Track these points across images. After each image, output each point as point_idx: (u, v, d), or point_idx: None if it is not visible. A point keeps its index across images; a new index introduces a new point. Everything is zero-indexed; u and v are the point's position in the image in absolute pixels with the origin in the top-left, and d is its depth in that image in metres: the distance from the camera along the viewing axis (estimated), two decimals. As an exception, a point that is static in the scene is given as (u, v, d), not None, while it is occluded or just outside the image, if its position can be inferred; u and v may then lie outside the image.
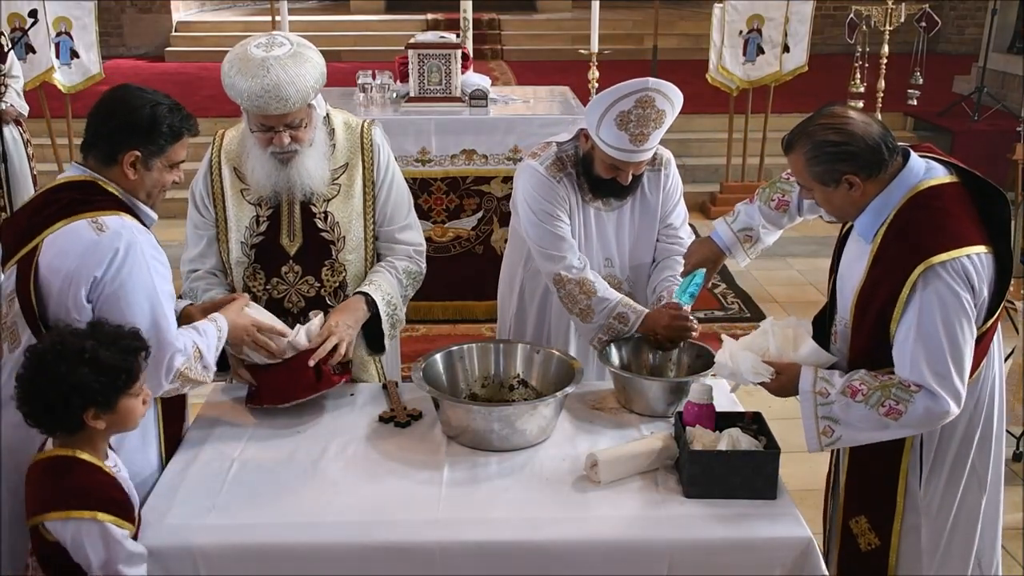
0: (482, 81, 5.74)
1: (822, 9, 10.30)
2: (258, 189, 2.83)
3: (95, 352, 2.05)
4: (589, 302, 3.03)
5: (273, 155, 2.75)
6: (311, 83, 2.66)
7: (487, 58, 11.96)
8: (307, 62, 2.66)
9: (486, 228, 5.51)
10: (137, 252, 2.31)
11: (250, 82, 2.60)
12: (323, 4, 14.53)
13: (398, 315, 2.96)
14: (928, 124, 8.95)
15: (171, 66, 11.79)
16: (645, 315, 2.99)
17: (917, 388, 2.25)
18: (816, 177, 2.35)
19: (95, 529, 2.04)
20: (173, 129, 2.40)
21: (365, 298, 2.85)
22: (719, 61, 7.47)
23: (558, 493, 2.38)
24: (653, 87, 2.83)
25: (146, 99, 2.40)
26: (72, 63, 7.03)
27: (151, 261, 2.34)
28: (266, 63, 2.60)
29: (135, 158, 2.38)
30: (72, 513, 2.03)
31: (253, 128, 2.75)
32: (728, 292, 6.33)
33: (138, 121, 2.37)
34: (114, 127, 2.38)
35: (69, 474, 2.08)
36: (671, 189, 3.21)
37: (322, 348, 2.71)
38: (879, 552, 2.52)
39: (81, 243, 2.28)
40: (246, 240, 2.89)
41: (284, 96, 2.61)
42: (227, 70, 2.66)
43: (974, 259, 2.25)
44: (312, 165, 2.79)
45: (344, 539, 2.22)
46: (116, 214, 2.34)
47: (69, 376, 2.02)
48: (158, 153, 2.41)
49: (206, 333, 2.51)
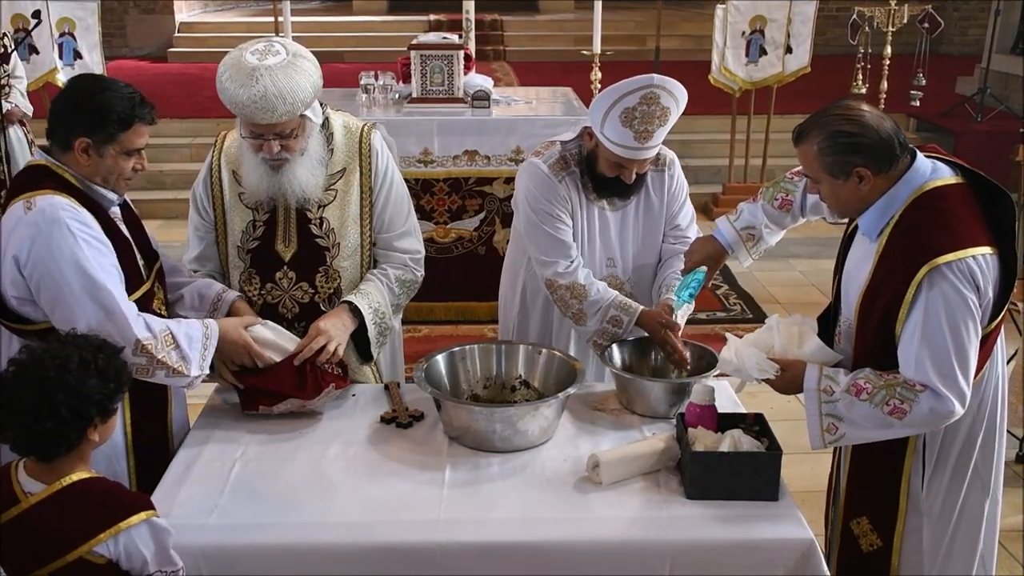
0: (484, 82, 5.73)
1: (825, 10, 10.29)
2: (253, 194, 2.82)
3: (96, 360, 2.02)
4: (581, 306, 3.02)
5: (264, 161, 2.74)
6: (301, 96, 2.63)
7: (489, 59, 11.95)
8: (300, 73, 2.63)
9: (488, 229, 5.51)
10: (60, 227, 2.34)
11: (239, 90, 2.58)
12: (326, 5, 14.54)
13: (387, 323, 2.93)
14: (931, 125, 8.94)
15: (174, 67, 11.81)
16: (639, 314, 2.99)
17: (922, 388, 2.25)
18: (826, 168, 2.34)
19: (144, 529, 2.02)
20: (123, 117, 2.40)
21: (351, 307, 2.84)
22: (721, 62, 7.47)
23: (560, 494, 2.38)
24: (658, 84, 2.82)
25: (99, 87, 2.42)
26: (75, 64, 7.06)
27: (77, 235, 2.36)
28: (256, 73, 2.57)
29: (86, 144, 2.40)
30: (120, 526, 1.99)
31: (244, 134, 2.74)
32: (730, 293, 6.33)
33: (89, 109, 2.39)
34: (66, 114, 2.42)
35: (94, 493, 2.03)
36: (676, 190, 3.20)
37: (308, 348, 2.70)
38: (881, 553, 2.52)
39: (11, 222, 2.36)
40: (242, 244, 2.88)
41: (272, 108, 2.59)
42: (220, 74, 2.65)
43: (979, 260, 2.24)
44: (303, 173, 2.77)
45: (346, 539, 2.22)
46: (49, 194, 2.38)
47: (80, 388, 1.98)
48: (108, 141, 2.41)
49: (190, 325, 2.54)
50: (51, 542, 1.98)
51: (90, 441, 2.05)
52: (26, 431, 1.97)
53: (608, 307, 3.00)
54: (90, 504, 2.02)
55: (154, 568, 2.04)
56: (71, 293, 2.35)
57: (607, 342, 3.00)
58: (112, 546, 1.99)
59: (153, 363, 2.45)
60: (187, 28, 12.95)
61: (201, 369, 2.54)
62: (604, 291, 3.04)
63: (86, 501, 2.02)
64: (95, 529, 1.98)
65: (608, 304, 3.00)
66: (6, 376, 2.01)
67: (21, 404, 1.97)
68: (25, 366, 2.01)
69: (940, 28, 8.06)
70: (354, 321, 2.84)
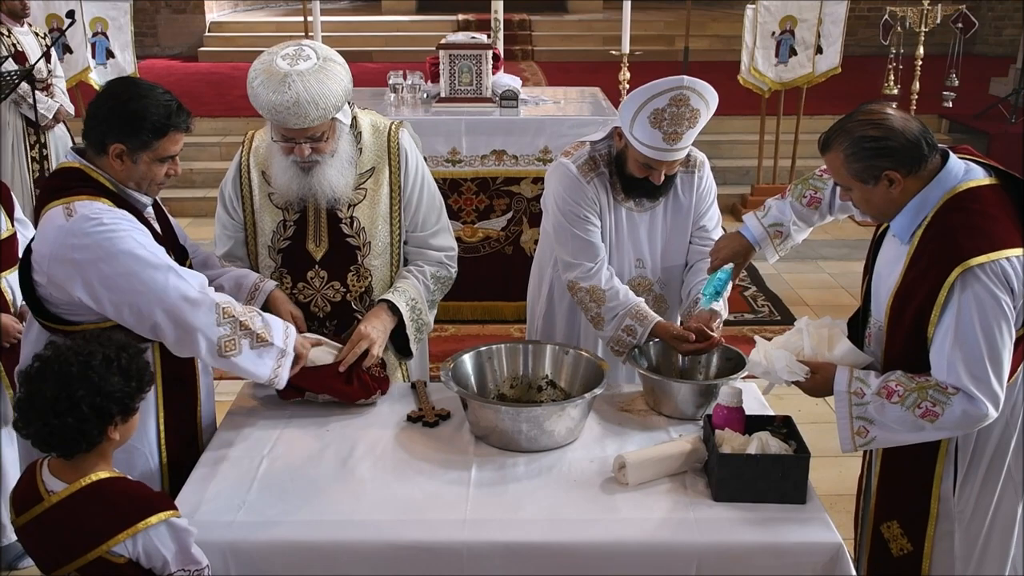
0: (513, 82, 5.74)
1: (856, 10, 10.22)
2: (283, 194, 2.84)
3: (119, 359, 2.03)
4: (599, 310, 3.02)
5: (295, 163, 2.75)
6: (333, 100, 2.64)
7: (518, 59, 11.97)
8: (331, 78, 2.63)
9: (516, 229, 5.51)
10: (110, 231, 2.34)
11: (271, 96, 2.59)
12: (355, 4, 14.61)
13: (424, 319, 2.95)
14: (964, 127, 8.84)
15: (204, 66, 11.91)
16: (654, 326, 2.97)
17: (955, 390, 2.22)
18: (855, 175, 2.32)
19: (162, 529, 2.03)
20: (158, 126, 2.40)
21: (388, 305, 2.85)
22: (751, 62, 7.42)
23: (586, 495, 2.38)
24: (688, 85, 2.81)
25: (136, 93, 2.42)
26: (107, 63, 7.14)
27: (128, 232, 2.36)
28: (288, 79, 2.58)
29: (120, 150, 2.41)
30: (139, 526, 2.00)
31: (274, 138, 2.75)
32: (758, 295, 6.30)
33: (125, 115, 2.39)
34: (103, 118, 2.42)
35: (112, 493, 2.04)
36: (704, 191, 3.18)
37: (352, 353, 2.71)
38: (911, 558, 2.49)
39: (54, 228, 2.36)
40: (273, 244, 2.90)
41: (304, 114, 2.60)
42: (252, 79, 2.65)
43: (1013, 262, 2.21)
44: (334, 175, 2.78)
45: (372, 538, 2.22)
46: (87, 199, 2.38)
47: (103, 385, 1.99)
48: (143, 148, 2.42)
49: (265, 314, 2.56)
50: (71, 541, 2.00)
51: (111, 440, 2.06)
52: (47, 426, 1.98)
53: (624, 315, 2.99)
54: (109, 504, 2.03)
55: (176, 567, 2.05)
56: (139, 283, 2.34)
57: (623, 350, 3.00)
58: (131, 546, 2.01)
59: (238, 328, 2.43)
60: (217, 28, 13.06)
61: (284, 343, 2.52)
62: (624, 297, 3.02)
63: (105, 501, 2.03)
64: (113, 529, 1.99)
65: (625, 312, 2.99)
66: (30, 371, 2.03)
67: (43, 399, 1.98)
68: (49, 361, 2.02)
69: (974, 28, 7.98)
70: (393, 319, 2.85)
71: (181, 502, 2.32)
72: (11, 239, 3.32)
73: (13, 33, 6.06)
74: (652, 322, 2.98)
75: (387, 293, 2.89)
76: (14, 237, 3.34)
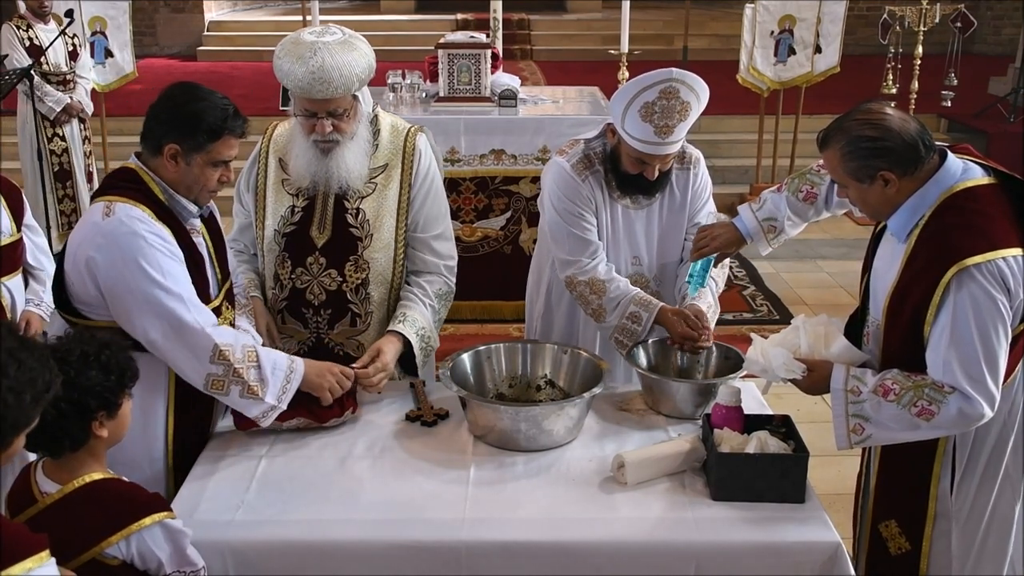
0: (512, 81, 5.74)
1: (855, 9, 10.21)
2: (298, 179, 2.87)
3: (99, 355, 2.01)
4: (600, 301, 3.02)
5: (315, 143, 2.79)
6: (357, 71, 2.70)
7: (517, 58, 11.96)
8: (355, 51, 2.71)
9: (514, 228, 5.51)
10: (134, 238, 2.37)
11: (297, 64, 2.65)
12: (353, 4, 14.60)
13: (431, 344, 2.98)
14: (963, 126, 8.84)
15: (203, 65, 11.92)
16: (658, 311, 2.97)
17: (951, 390, 2.23)
18: (851, 173, 2.32)
19: (156, 531, 2.02)
20: (213, 128, 2.43)
21: (400, 337, 2.85)
22: (750, 62, 7.42)
23: (584, 494, 2.38)
24: (677, 77, 2.81)
25: (195, 96, 2.46)
26: (106, 62, 7.14)
27: (152, 247, 2.39)
28: (315, 47, 2.66)
29: (175, 151, 2.44)
30: (132, 527, 1.99)
31: (297, 112, 2.80)
32: (757, 294, 6.29)
33: (181, 116, 2.43)
34: (161, 119, 2.46)
35: (105, 495, 2.03)
36: (700, 188, 3.19)
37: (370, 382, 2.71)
38: (909, 557, 2.50)
39: (90, 223, 2.42)
40: (279, 228, 2.93)
41: (328, 80, 2.65)
42: (278, 52, 2.72)
43: (1010, 261, 2.22)
44: (351, 158, 2.82)
45: (371, 537, 2.23)
46: (130, 203, 2.41)
47: (79, 379, 1.97)
48: (197, 149, 2.44)
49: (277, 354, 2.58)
50: (64, 543, 1.97)
51: (99, 438, 2.04)
52: None
53: (628, 303, 2.99)
54: (102, 506, 2.02)
55: (171, 569, 2.05)
56: (144, 301, 2.38)
57: (628, 340, 2.99)
58: (124, 548, 2.00)
59: (230, 374, 2.46)
60: (216, 27, 13.06)
61: (278, 400, 2.52)
62: (624, 287, 3.03)
63: (98, 502, 2.02)
64: (106, 531, 1.99)
65: (628, 300, 3.00)
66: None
67: None
68: None
69: (973, 27, 7.99)
70: (402, 347, 2.85)
71: (179, 502, 2.33)
72: (14, 244, 3.26)
73: (34, 28, 6.14)
74: (656, 307, 2.98)
75: (395, 323, 2.88)
76: (19, 243, 3.29)
